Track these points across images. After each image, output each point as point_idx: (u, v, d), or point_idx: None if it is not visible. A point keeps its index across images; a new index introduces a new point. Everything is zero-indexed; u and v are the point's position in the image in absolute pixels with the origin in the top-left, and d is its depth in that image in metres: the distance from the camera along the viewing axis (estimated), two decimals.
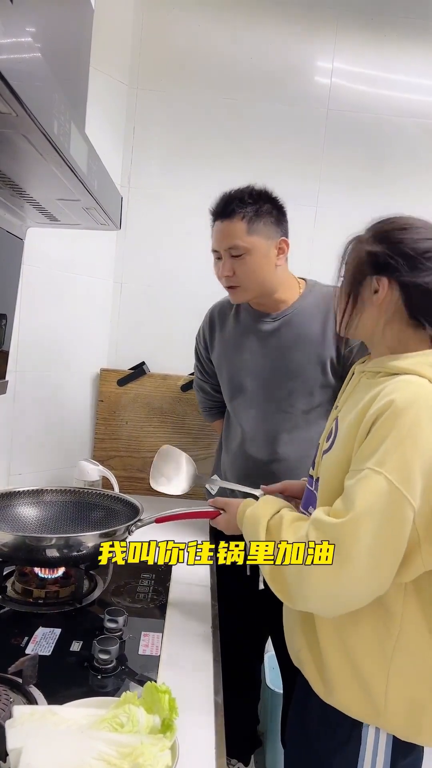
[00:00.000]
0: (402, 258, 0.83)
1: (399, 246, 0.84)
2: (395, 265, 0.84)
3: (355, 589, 0.75)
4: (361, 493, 0.74)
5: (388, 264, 0.84)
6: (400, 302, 0.84)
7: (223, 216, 1.26)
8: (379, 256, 0.85)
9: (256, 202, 1.25)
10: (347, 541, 0.73)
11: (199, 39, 1.75)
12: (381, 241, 0.86)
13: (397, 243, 0.85)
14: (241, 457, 1.41)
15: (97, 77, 1.58)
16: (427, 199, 1.82)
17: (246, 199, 1.25)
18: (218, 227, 1.28)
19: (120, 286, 1.83)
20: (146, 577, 1.19)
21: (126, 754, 0.62)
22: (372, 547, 0.73)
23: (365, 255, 0.87)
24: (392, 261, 0.84)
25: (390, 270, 0.84)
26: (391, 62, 1.78)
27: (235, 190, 1.28)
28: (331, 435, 0.90)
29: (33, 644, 0.91)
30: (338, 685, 0.84)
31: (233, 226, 1.25)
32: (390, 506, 0.73)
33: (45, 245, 1.54)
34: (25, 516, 1.25)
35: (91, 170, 0.88)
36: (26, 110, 0.60)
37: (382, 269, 0.85)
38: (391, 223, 0.88)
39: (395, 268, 0.84)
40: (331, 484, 0.86)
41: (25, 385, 1.57)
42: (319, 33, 1.76)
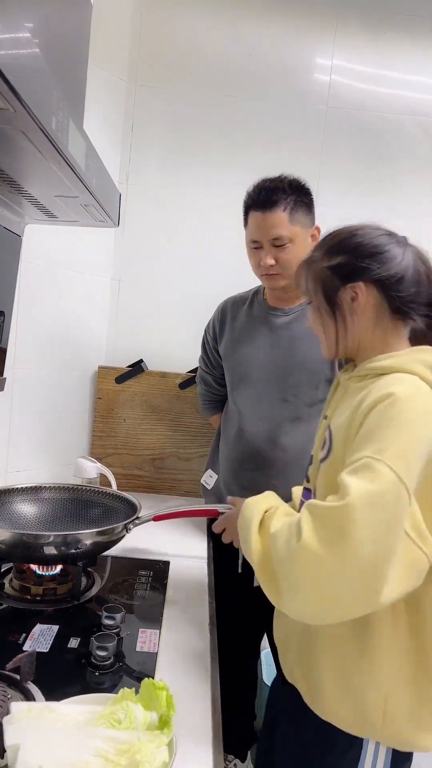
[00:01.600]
0: (367, 258, 0.84)
1: (358, 249, 0.85)
2: (364, 267, 0.84)
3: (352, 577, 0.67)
4: (360, 480, 0.69)
5: (356, 268, 0.85)
6: (381, 299, 0.85)
7: (265, 206, 1.27)
8: (344, 265, 0.86)
9: (294, 191, 1.27)
10: (342, 524, 0.67)
11: (198, 36, 1.75)
12: (338, 252, 0.87)
13: (355, 247, 0.86)
14: (240, 444, 1.43)
15: (95, 74, 1.58)
16: (425, 196, 1.82)
17: (287, 189, 1.27)
18: (260, 218, 1.29)
19: (118, 284, 1.82)
20: (144, 575, 1.19)
21: (123, 751, 0.62)
22: (373, 535, 0.67)
23: (328, 271, 0.87)
24: (359, 264, 0.85)
25: (360, 273, 0.85)
26: (390, 60, 1.78)
27: (273, 180, 1.30)
28: (325, 443, 0.88)
29: (31, 641, 0.91)
30: (334, 702, 0.82)
31: (276, 217, 1.26)
32: (394, 497, 0.69)
33: (43, 242, 1.54)
34: (23, 513, 1.25)
35: (90, 167, 0.88)
36: (24, 106, 0.60)
37: (351, 276, 0.85)
38: (338, 235, 0.89)
39: (364, 269, 0.84)
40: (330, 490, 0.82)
41: (23, 382, 1.57)
42: (319, 30, 1.76)
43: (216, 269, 1.79)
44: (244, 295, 1.49)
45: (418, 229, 1.84)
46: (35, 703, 0.73)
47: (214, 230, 1.77)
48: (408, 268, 0.85)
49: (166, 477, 1.80)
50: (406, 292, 0.84)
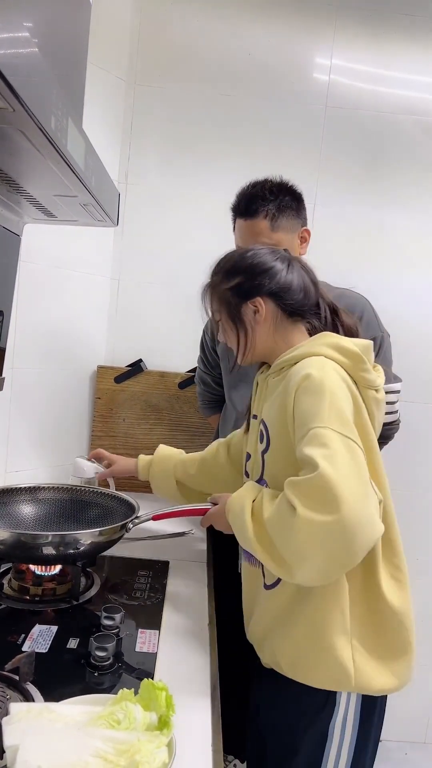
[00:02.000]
0: (260, 275, 0.98)
1: (252, 268, 0.99)
2: (259, 283, 0.98)
3: (353, 534, 0.75)
4: (317, 448, 0.79)
5: (253, 286, 0.98)
6: (277, 309, 0.99)
7: (247, 215, 1.27)
8: (242, 284, 0.99)
9: (276, 197, 1.27)
10: (326, 487, 0.75)
11: (197, 35, 1.75)
12: (235, 274, 1.00)
13: (248, 267, 0.99)
14: None
15: (94, 73, 1.58)
16: (424, 195, 1.82)
17: (267, 196, 1.26)
18: (242, 226, 1.29)
19: (117, 283, 1.82)
20: (143, 575, 1.19)
21: (123, 751, 0.62)
22: (353, 490, 0.76)
23: (229, 291, 1.00)
24: (255, 281, 0.98)
25: (257, 289, 0.98)
26: (389, 59, 1.78)
27: (254, 186, 1.29)
28: (263, 437, 0.97)
29: (30, 641, 0.91)
30: (313, 666, 0.89)
31: (257, 225, 1.26)
32: (347, 449, 0.80)
33: (42, 242, 1.54)
34: (21, 513, 1.25)
35: (89, 166, 0.88)
36: (23, 106, 0.60)
37: (250, 293, 0.99)
38: (230, 259, 1.03)
39: (260, 286, 0.98)
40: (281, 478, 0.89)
41: (22, 382, 1.57)
42: (318, 29, 1.76)
43: None
44: None
45: (417, 228, 1.86)
46: (34, 703, 0.73)
47: (213, 229, 1.77)
48: (293, 279, 0.99)
49: None
50: (295, 299, 0.99)
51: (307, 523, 0.76)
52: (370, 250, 1.82)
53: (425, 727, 2.01)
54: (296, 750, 0.94)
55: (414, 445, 1.77)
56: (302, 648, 0.90)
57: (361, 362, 0.92)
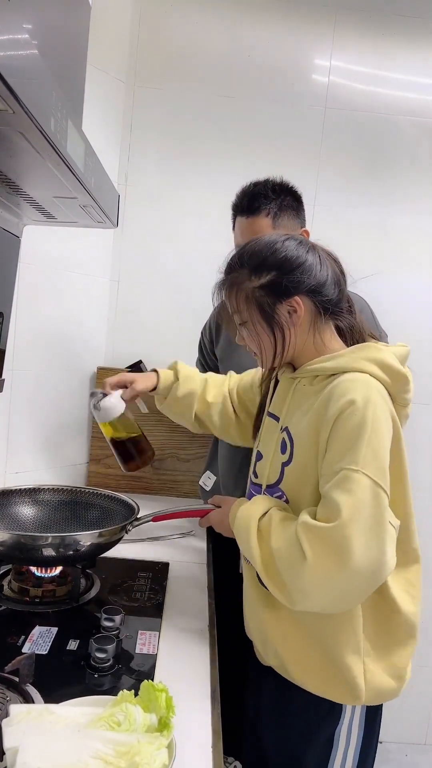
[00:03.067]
0: (296, 272, 0.88)
1: (286, 264, 0.88)
2: (296, 281, 0.87)
3: (361, 582, 0.77)
4: (344, 495, 0.77)
5: (289, 284, 0.87)
6: (314, 307, 0.90)
7: (248, 212, 1.28)
8: (276, 283, 0.88)
9: (278, 196, 1.27)
10: (342, 542, 0.75)
11: (196, 36, 1.75)
12: (266, 270, 0.89)
13: (281, 263, 0.88)
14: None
15: (94, 74, 1.58)
16: (423, 196, 1.82)
17: (269, 195, 1.26)
18: (243, 223, 1.29)
19: (117, 285, 1.82)
20: (143, 576, 1.19)
21: (123, 753, 0.62)
22: (366, 541, 0.76)
23: (260, 290, 0.89)
24: (291, 278, 0.87)
25: (294, 287, 0.88)
26: (388, 61, 1.78)
27: (256, 185, 1.29)
28: (285, 446, 0.91)
29: (30, 643, 0.91)
30: (321, 677, 0.88)
31: (259, 223, 1.26)
32: (374, 499, 0.78)
33: (42, 243, 1.54)
34: (21, 515, 1.24)
35: (88, 168, 0.88)
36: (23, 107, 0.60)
37: (286, 292, 0.88)
38: (259, 253, 0.90)
39: (298, 283, 0.87)
40: (300, 494, 0.89)
41: (22, 383, 1.57)
42: (317, 31, 1.76)
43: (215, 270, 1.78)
44: None
45: (416, 228, 1.86)
46: (34, 705, 0.73)
47: (213, 231, 1.77)
48: (327, 272, 0.90)
49: (165, 478, 1.80)
50: (331, 295, 0.90)
51: (317, 572, 0.76)
52: (370, 251, 1.82)
53: (425, 728, 2.01)
54: (301, 757, 0.92)
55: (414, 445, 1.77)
56: (314, 660, 0.88)
57: (406, 383, 0.88)
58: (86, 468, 1.81)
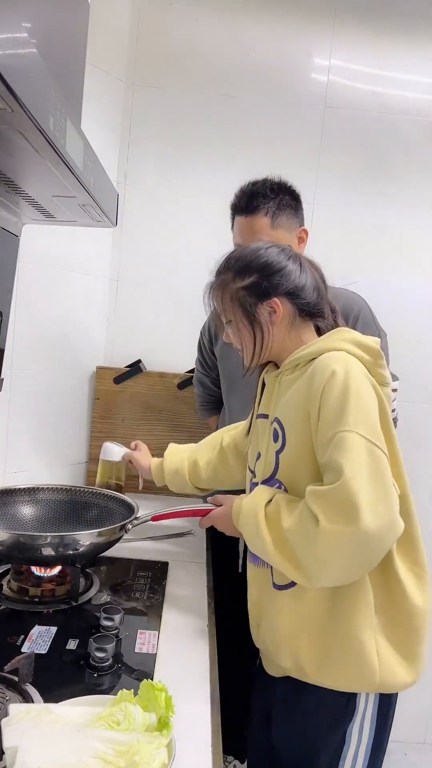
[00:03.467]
0: (276, 275, 0.95)
1: (266, 267, 0.96)
2: (276, 283, 0.95)
3: (373, 540, 0.78)
4: (343, 454, 0.79)
5: (269, 285, 0.95)
6: (292, 308, 0.97)
7: (247, 212, 1.28)
8: (257, 284, 0.95)
9: (276, 195, 1.27)
10: (348, 499, 0.77)
11: (196, 35, 1.75)
12: (248, 273, 0.96)
13: (263, 266, 0.96)
14: None
15: (93, 74, 1.58)
16: (423, 196, 1.82)
17: (268, 194, 1.27)
18: (242, 222, 1.29)
19: (116, 284, 1.82)
20: (142, 576, 1.19)
21: (122, 752, 0.62)
22: (372, 497, 0.78)
23: (243, 291, 0.96)
24: (272, 281, 0.95)
25: (274, 289, 0.95)
26: (388, 60, 1.78)
27: (255, 184, 1.29)
28: (277, 435, 0.94)
29: (29, 642, 0.91)
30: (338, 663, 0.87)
31: (258, 222, 1.26)
32: (370, 456, 0.80)
33: (41, 242, 1.54)
34: (20, 514, 1.24)
35: (87, 167, 0.88)
36: (22, 106, 0.60)
37: (267, 293, 0.95)
38: (241, 257, 0.99)
39: (277, 285, 0.95)
40: (297, 480, 0.90)
41: (21, 382, 1.57)
42: (317, 30, 1.76)
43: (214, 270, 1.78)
44: None
45: (415, 228, 1.86)
46: (34, 704, 0.73)
47: (212, 230, 1.77)
48: (307, 278, 0.97)
49: None
50: (309, 298, 0.97)
51: (330, 534, 0.78)
52: (369, 250, 1.82)
53: (425, 727, 2.01)
54: (314, 758, 0.92)
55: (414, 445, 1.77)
56: (330, 648, 0.88)
57: (380, 358, 0.91)
58: (86, 467, 1.81)
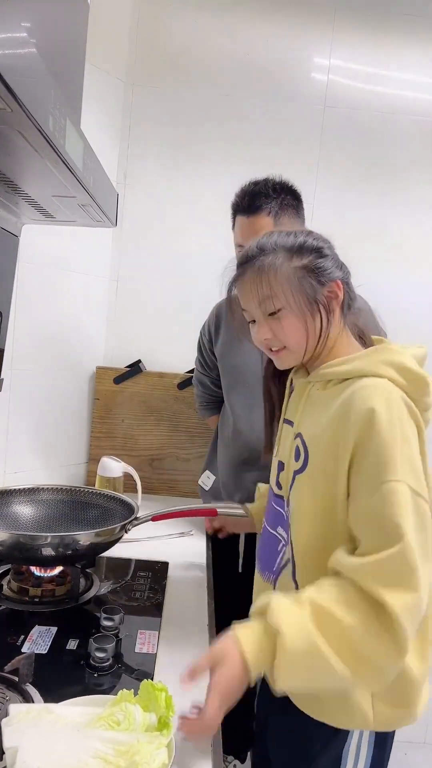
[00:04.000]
0: (330, 258, 0.86)
1: (322, 250, 0.86)
2: (335, 265, 0.86)
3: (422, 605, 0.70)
4: (396, 510, 0.70)
5: (329, 267, 0.85)
6: (345, 298, 0.87)
7: (249, 212, 1.28)
8: (318, 265, 0.84)
9: (278, 195, 1.27)
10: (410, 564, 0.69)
11: (195, 35, 1.75)
12: (306, 252, 0.85)
13: (318, 248, 0.86)
14: (236, 444, 1.43)
15: (93, 73, 1.58)
16: (422, 196, 1.82)
17: (270, 193, 1.27)
18: (244, 222, 1.29)
19: (116, 284, 1.82)
20: (143, 576, 1.19)
21: (122, 752, 0.62)
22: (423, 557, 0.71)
23: (302, 270, 0.84)
24: (331, 261, 0.86)
25: (334, 271, 0.85)
26: (388, 59, 1.78)
27: (257, 184, 1.30)
28: (299, 454, 0.86)
29: (29, 642, 0.91)
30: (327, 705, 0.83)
31: (260, 222, 1.26)
32: (418, 510, 0.72)
33: (40, 242, 1.54)
34: (20, 514, 1.24)
35: (87, 167, 0.88)
36: (21, 106, 0.60)
37: (331, 274, 0.85)
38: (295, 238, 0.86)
39: (335, 268, 0.86)
40: (304, 505, 0.84)
41: (21, 383, 1.57)
42: (317, 29, 1.76)
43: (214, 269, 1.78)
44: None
45: (416, 228, 1.85)
46: (34, 704, 0.73)
47: (212, 230, 1.77)
48: (347, 269, 0.89)
49: (165, 478, 1.80)
50: (352, 291, 0.89)
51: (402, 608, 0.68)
52: (369, 250, 1.82)
53: (425, 727, 2.01)
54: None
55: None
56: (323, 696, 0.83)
57: (425, 386, 0.81)
58: (85, 467, 1.81)
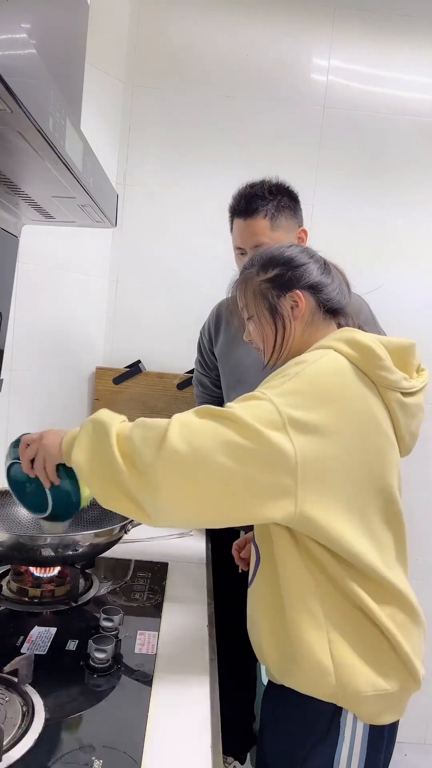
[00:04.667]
0: (299, 269, 0.94)
1: (291, 261, 0.95)
2: (299, 276, 0.94)
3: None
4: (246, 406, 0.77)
5: (293, 278, 0.93)
6: (315, 304, 0.95)
7: (246, 214, 1.28)
8: (281, 276, 0.94)
9: (275, 197, 1.28)
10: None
11: (195, 36, 1.75)
12: (273, 266, 0.95)
13: (288, 260, 0.95)
14: None
15: (92, 74, 1.58)
16: (422, 196, 1.83)
17: (267, 196, 1.27)
18: (241, 225, 1.30)
19: (116, 284, 1.82)
20: (142, 576, 1.19)
21: None
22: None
23: (266, 283, 0.95)
24: (294, 273, 0.94)
25: (297, 281, 0.93)
26: (387, 60, 1.78)
27: (253, 186, 1.30)
28: None
29: (28, 643, 0.91)
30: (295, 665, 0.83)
31: (257, 224, 1.27)
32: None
33: (40, 243, 1.54)
34: (20, 515, 1.24)
35: (87, 167, 0.88)
36: (21, 107, 0.60)
37: (289, 285, 0.93)
38: (265, 253, 0.98)
39: (299, 277, 0.93)
40: None
41: (21, 383, 1.57)
42: (316, 30, 1.76)
43: (214, 269, 1.78)
44: None
45: (415, 228, 1.86)
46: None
47: (211, 230, 1.77)
48: (329, 276, 0.96)
49: None
50: (332, 295, 0.96)
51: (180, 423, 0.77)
52: (369, 251, 1.82)
53: (425, 728, 2.01)
54: None
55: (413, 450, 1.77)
56: (283, 647, 0.85)
57: (375, 358, 0.84)
58: None
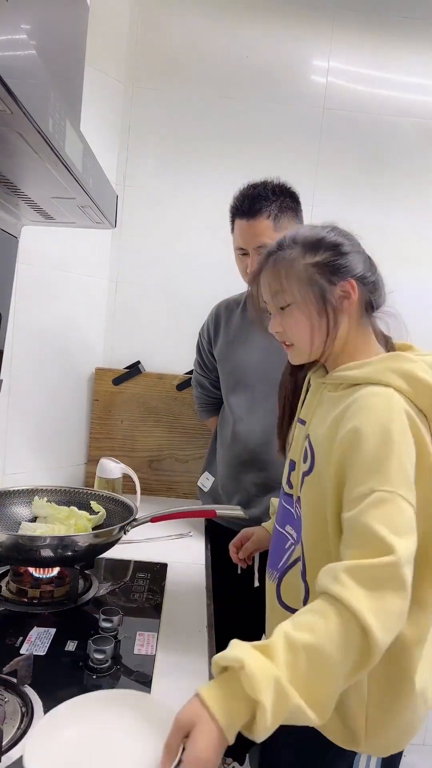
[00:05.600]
0: (350, 255, 0.84)
1: (340, 247, 0.84)
2: (353, 263, 0.84)
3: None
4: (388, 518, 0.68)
5: (344, 265, 0.83)
6: (364, 300, 0.85)
7: (249, 215, 1.28)
8: (332, 262, 0.83)
9: (278, 198, 1.28)
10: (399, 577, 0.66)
11: (195, 37, 1.75)
12: (321, 248, 0.83)
13: (336, 244, 0.84)
14: (235, 446, 1.43)
15: (92, 75, 1.58)
16: (421, 197, 1.83)
17: (269, 196, 1.27)
18: (244, 226, 1.30)
19: (115, 285, 1.82)
20: (141, 577, 1.19)
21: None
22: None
23: (314, 268, 0.83)
24: (348, 259, 0.84)
25: (349, 270, 0.83)
26: (387, 61, 1.78)
27: (255, 187, 1.30)
28: (307, 457, 0.86)
29: (28, 644, 0.91)
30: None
31: (260, 225, 1.27)
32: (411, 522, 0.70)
33: (40, 244, 1.54)
34: (19, 515, 1.24)
35: (87, 168, 0.88)
36: (21, 108, 0.60)
37: (343, 272, 0.83)
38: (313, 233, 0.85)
39: (353, 266, 0.83)
40: (312, 506, 0.83)
41: (20, 384, 1.57)
42: (316, 31, 1.76)
43: (213, 270, 1.79)
44: (237, 298, 1.49)
45: (415, 229, 1.86)
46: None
47: (211, 231, 1.77)
48: (374, 269, 0.87)
49: (164, 479, 1.80)
50: (378, 289, 0.86)
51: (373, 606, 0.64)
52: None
53: (424, 729, 2.01)
54: None
55: None
56: None
57: None
58: (84, 469, 1.81)
